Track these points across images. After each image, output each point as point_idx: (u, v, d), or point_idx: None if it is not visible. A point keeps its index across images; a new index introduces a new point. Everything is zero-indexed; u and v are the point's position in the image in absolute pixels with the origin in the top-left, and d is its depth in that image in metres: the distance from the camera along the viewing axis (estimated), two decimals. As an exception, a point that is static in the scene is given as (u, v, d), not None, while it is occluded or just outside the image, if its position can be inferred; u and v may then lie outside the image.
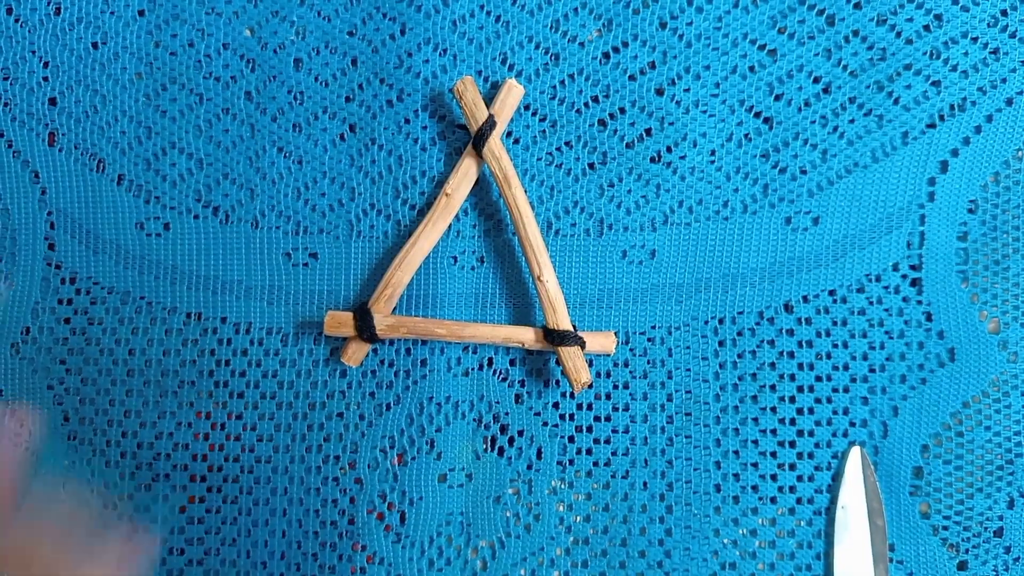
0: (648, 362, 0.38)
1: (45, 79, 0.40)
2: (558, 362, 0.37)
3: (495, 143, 0.36)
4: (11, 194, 0.40)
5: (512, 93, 0.37)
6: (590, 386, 0.36)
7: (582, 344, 0.36)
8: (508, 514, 0.37)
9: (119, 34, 0.40)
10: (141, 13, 0.40)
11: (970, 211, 0.37)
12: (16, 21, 0.40)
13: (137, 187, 0.39)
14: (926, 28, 0.36)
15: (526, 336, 0.37)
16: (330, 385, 0.38)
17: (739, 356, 0.37)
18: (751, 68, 0.37)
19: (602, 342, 0.37)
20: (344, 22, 0.39)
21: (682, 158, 0.38)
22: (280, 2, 0.39)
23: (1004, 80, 0.36)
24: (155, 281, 0.39)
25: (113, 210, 0.39)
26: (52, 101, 0.40)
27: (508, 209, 0.36)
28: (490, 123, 0.36)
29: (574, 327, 0.36)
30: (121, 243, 0.39)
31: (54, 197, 0.40)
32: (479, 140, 0.36)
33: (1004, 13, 0.36)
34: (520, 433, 0.38)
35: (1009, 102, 0.36)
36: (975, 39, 0.36)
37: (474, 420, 0.38)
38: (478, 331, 0.37)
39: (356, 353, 0.37)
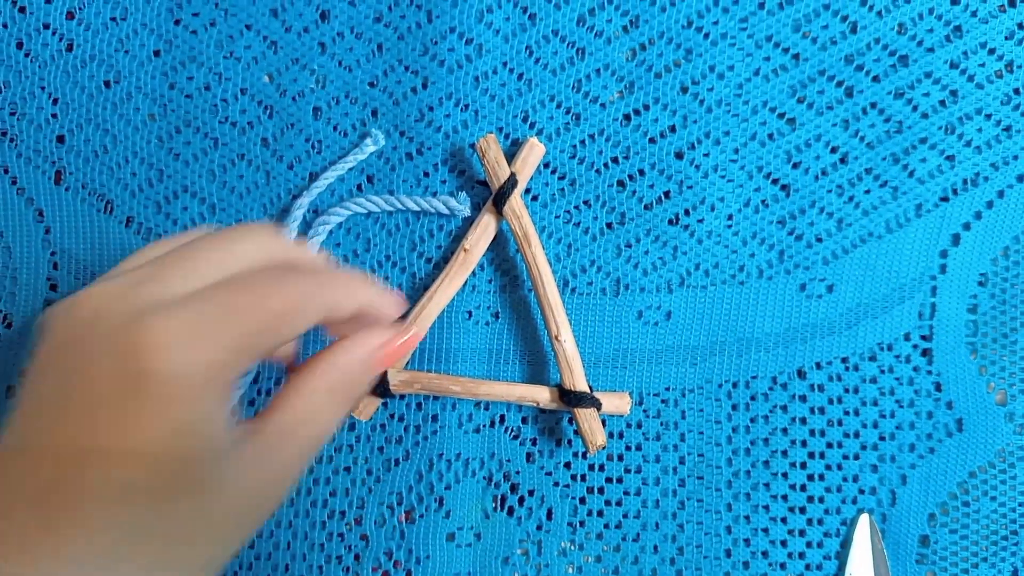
0: (661, 424, 0.38)
1: (54, 116, 0.39)
2: (571, 421, 0.37)
3: (516, 201, 0.36)
4: (13, 232, 0.39)
5: (534, 151, 0.37)
6: (604, 447, 0.36)
7: (598, 406, 0.36)
8: (517, 575, 0.37)
9: (133, 74, 0.39)
10: (156, 53, 0.39)
11: (980, 284, 0.37)
12: (26, 56, 0.39)
13: (147, 230, 0.39)
14: (942, 103, 0.37)
15: (541, 395, 0.36)
16: (337, 438, 0.38)
17: (752, 420, 0.37)
18: (770, 136, 0.38)
19: (617, 403, 0.37)
20: (365, 73, 0.38)
21: (699, 221, 0.38)
22: (301, 50, 0.38)
23: (1016, 157, 0.37)
24: (162, 327, 0.38)
25: (121, 252, 0.38)
26: (60, 139, 0.39)
27: (527, 267, 0.36)
28: (512, 182, 0.36)
29: (590, 388, 0.36)
30: (128, 287, 0.38)
31: (58, 237, 0.39)
32: (500, 198, 0.36)
33: (1017, 92, 0.37)
34: (531, 493, 0.37)
35: (1020, 178, 0.37)
36: (989, 116, 0.37)
37: (484, 478, 0.38)
38: (493, 389, 0.36)
39: (367, 407, 0.37)
